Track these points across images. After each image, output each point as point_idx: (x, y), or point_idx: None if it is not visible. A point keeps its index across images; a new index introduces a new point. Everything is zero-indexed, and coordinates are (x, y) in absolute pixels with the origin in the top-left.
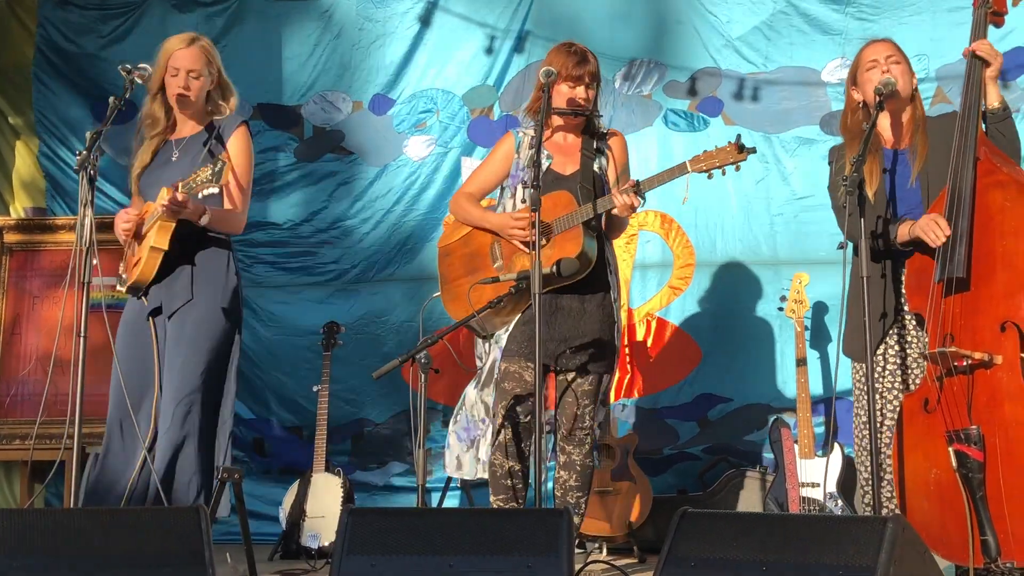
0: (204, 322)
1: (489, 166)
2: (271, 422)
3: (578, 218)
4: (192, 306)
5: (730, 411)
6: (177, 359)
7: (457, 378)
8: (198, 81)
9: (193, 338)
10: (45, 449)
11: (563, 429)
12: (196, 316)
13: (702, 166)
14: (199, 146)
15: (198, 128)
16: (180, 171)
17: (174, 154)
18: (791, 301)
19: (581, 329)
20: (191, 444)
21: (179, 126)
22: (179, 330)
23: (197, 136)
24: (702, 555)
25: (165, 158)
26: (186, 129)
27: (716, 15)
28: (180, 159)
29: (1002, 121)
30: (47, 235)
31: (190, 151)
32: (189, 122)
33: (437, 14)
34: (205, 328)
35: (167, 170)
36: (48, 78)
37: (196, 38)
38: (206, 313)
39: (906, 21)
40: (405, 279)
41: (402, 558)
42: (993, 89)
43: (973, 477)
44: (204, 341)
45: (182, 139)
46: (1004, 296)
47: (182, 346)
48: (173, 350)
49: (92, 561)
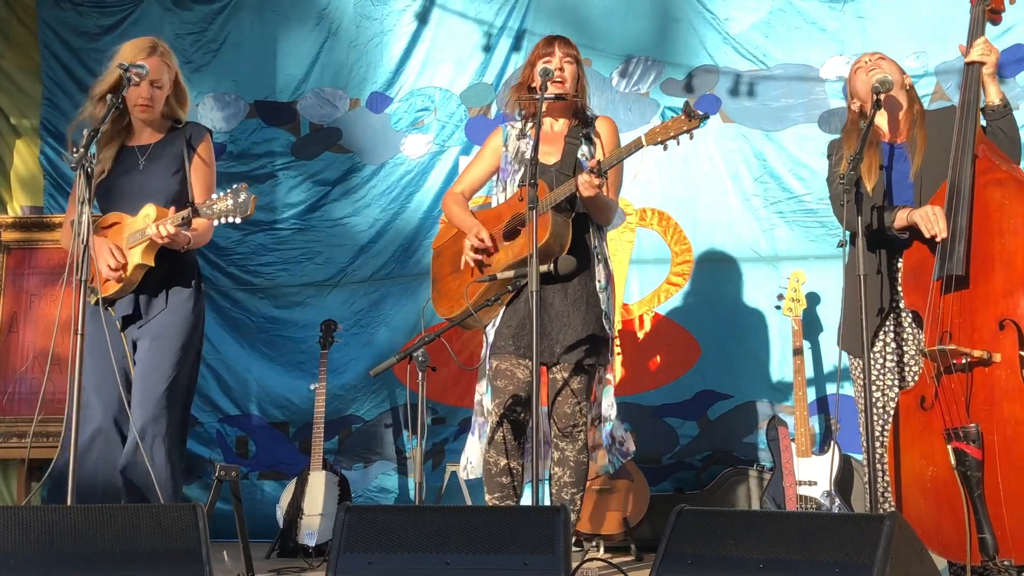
0: (176, 327)
1: (478, 162)
2: (257, 418)
3: (546, 205)
4: (165, 314)
5: (730, 409)
6: (150, 366)
7: (452, 377)
8: (160, 91)
9: (168, 343)
10: (42, 447)
11: (557, 426)
12: (168, 322)
13: (658, 138)
14: (168, 152)
15: (158, 135)
16: (146, 180)
17: (139, 161)
18: (788, 300)
19: (570, 325)
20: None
21: (137, 132)
22: (153, 337)
23: (163, 143)
24: (699, 553)
25: (129, 165)
26: (145, 136)
27: (714, 13)
28: (148, 167)
29: (1003, 117)
30: (45, 233)
31: (157, 158)
32: (147, 128)
33: (435, 11)
34: (177, 332)
35: (135, 178)
36: (56, 78)
37: (156, 45)
38: (179, 320)
39: (904, 18)
40: (402, 277)
41: (399, 555)
42: (992, 86)
43: (972, 475)
44: (177, 344)
45: (145, 146)
46: (1003, 294)
47: (156, 353)
48: (147, 358)
49: (89, 559)
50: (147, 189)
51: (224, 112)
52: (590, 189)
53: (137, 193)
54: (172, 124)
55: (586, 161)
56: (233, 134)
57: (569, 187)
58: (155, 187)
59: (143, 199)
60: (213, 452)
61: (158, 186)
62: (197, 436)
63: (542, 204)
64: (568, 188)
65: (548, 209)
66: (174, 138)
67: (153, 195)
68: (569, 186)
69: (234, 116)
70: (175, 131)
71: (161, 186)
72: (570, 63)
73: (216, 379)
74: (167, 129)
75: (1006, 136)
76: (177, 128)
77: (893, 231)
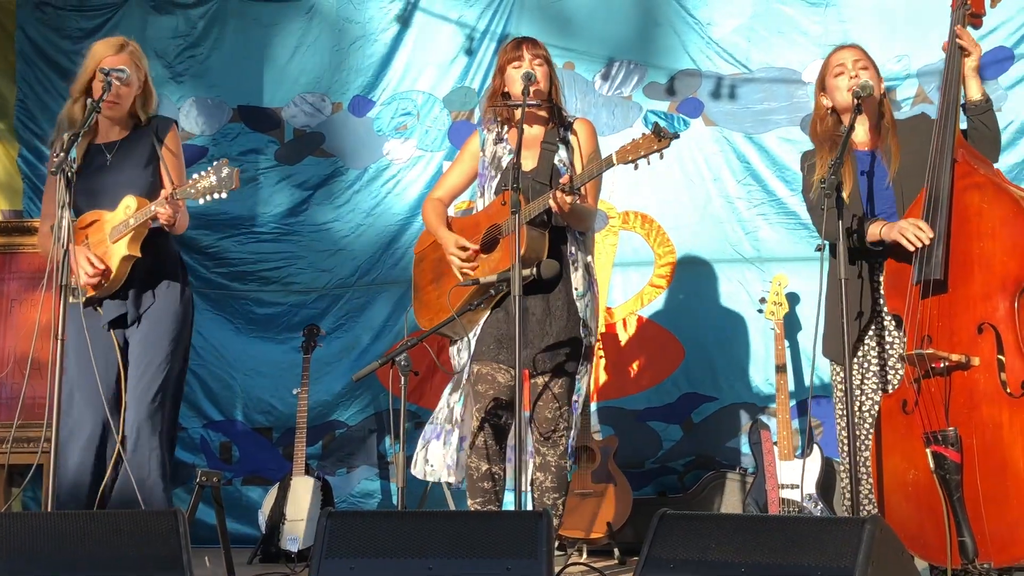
0: (167, 322)
1: (457, 167)
2: (241, 424)
3: (521, 220)
4: (155, 308)
5: (714, 412)
6: (143, 361)
7: (434, 382)
8: (128, 88)
9: (159, 338)
10: (22, 452)
11: (538, 431)
12: (159, 317)
13: (628, 157)
14: (136, 147)
15: (125, 132)
16: (118, 175)
17: (107, 159)
18: (770, 303)
19: (549, 330)
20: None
21: (103, 130)
22: (145, 333)
23: (131, 139)
24: (681, 557)
25: (98, 163)
26: (112, 133)
27: (697, 17)
28: (116, 163)
29: (984, 113)
30: (25, 237)
31: (125, 154)
32: (115, 127)
33: (417, 15)
34: (168, 327)
35: (104, 175)
36: (30, 81)
37: (125, 44)
38: (169, 314)
39: (886, 21)
40: (386, 283)
41: (381, 560)
42: (974, 82)
43: (950, 478)
44: (167, 341)
45: (112, 143)
46: (981, 298)
47: (148, 348)
48: (139, 353)
49: (70, 564)
50: (119, 184)
51: (207, 117)
52: (564, 206)
53: (110, 189)
54: (136, 122)
55: (563, 167)
56: (215, 138)
57: (544, 201)
58: (127, 182)
59: (116, 194)
60: (197, 458)
61: (130, 180)
62: (181, 442)
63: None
64: (543, 203)
65: (524, 224)
66: (140, 133)
67: (126, 189)
68: (544, 200)
69: (217, 121)
70: (140, 127)
71: (133, 180)
72: (540, 64)
73: (200, 384)
74: (132, 127)
75: (988, 131)
76: (141, 125)
77: (869, 244)
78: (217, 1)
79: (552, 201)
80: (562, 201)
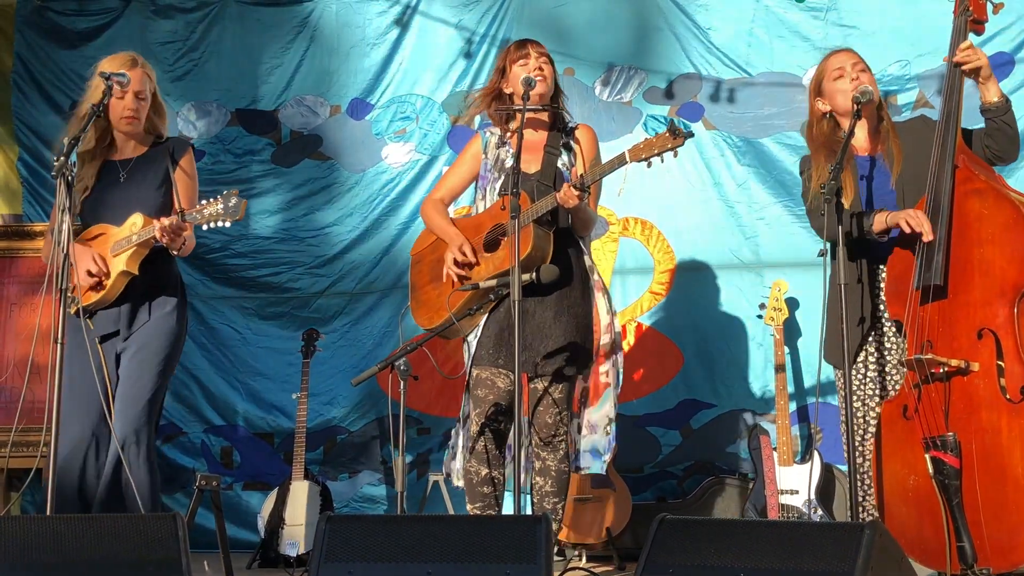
0: (159, 340)
1: (457, 169)
2: (242, 428)
3: (527, 217)
4: (149, 325)
5: (713, 418)
6: (132, 377)
7: (436, 388)
8: (144, 103)
9: (151, 355)
10: (22, 456)
11: (538, 436)
12: (152, 334)
13: (641, 154)
14: (152, 166)
15: (142, 148)
16: (130, 192)
17: (121, 175)
18: (770, 309)
19: (550, 334)
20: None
21: (120, 147)
22: (135, 351)
23: (147, 157)
24: (680, 562)
25: (112, 179)
26: (128, 150)
27: (697, 22)
28: (129, 180)
29: (1005, 113)
30: (25, 242)
31: (140, 171)
32: (130, 142)
33: (416, 18)
34: (160, 345)
35: (116, 191)
36: (26, 84)
37: (136, 59)
38: (162, 332)
39: (887, 26)
40: (385, 287)
41: (380, 565)
42: (990, 86)
43: (950, 484)
44: (159, 356)
45: (127, 160)
46: (981, 304)
47: (138, 366)
48: (130, 370)
49: (69, 569)
50: (130, 201)
51: (205, 120)
52: (572, 200)
53: (120, 205)
54: (155, 139)
55: (566, 171)
56: (214, 142)
57: (550, 201)
58: (138, 199)
59: (127, 211)
60: (197, 462)
61: (141, 198)
62: (181, 446)
63: (523, 216)
64: (549, 202)
65: (529, 222)
66: (157, 152)
67: (137, 207)
68: (550, 200)
69: (215, 124)
70: (158, 146)
71: (144, 198)
72: (547, 63)
73: (201, 389)
74: (150, 144)
75: (1010, 129)
76: (160, 143)
77: (873, 235)
78: (216, 5)
79: (561, 194)
80: (569, 195)
